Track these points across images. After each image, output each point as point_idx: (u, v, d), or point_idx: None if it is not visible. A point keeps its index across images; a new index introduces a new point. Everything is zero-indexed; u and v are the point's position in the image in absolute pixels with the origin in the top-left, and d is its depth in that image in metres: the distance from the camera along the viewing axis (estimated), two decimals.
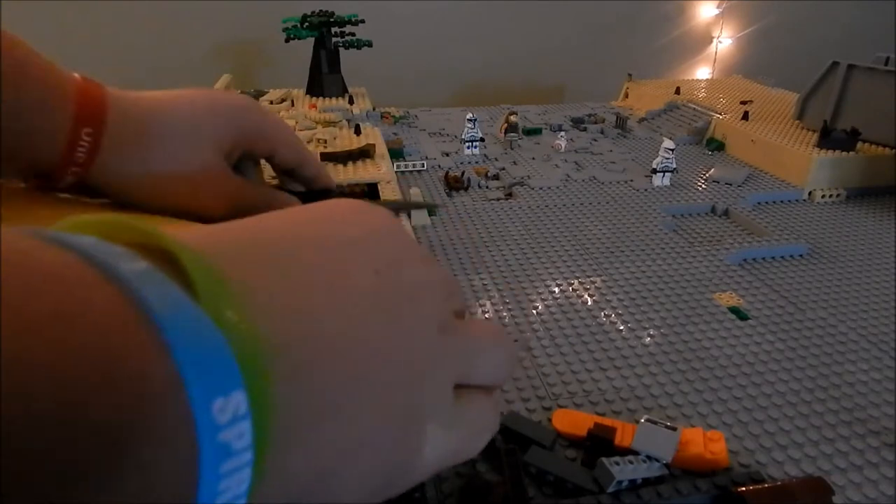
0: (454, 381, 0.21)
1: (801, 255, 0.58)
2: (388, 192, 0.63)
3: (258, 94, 0.95)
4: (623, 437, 0.32)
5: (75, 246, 0.12)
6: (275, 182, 0.42)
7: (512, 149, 0.87)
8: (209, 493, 0.12)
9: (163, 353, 0.12)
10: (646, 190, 0.73)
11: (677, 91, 1.04)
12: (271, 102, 0.91)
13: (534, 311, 0.48)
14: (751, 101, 0.96)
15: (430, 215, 0.64)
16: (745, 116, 0.86)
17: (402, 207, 0.61)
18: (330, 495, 0.17)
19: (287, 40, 0.97)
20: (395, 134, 0.90)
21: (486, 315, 0.47)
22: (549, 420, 0.35)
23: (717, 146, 0.86)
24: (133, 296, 0.12)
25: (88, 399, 0.11)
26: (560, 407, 0.37)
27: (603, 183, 0.75)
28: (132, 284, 0.12)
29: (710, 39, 1.96)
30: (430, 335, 0.19)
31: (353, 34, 1.00)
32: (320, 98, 0.97)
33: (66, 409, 0.10)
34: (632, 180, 0.76)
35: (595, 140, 0.92)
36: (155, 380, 0.12)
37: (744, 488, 0.30)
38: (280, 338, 0.15)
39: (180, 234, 0.15)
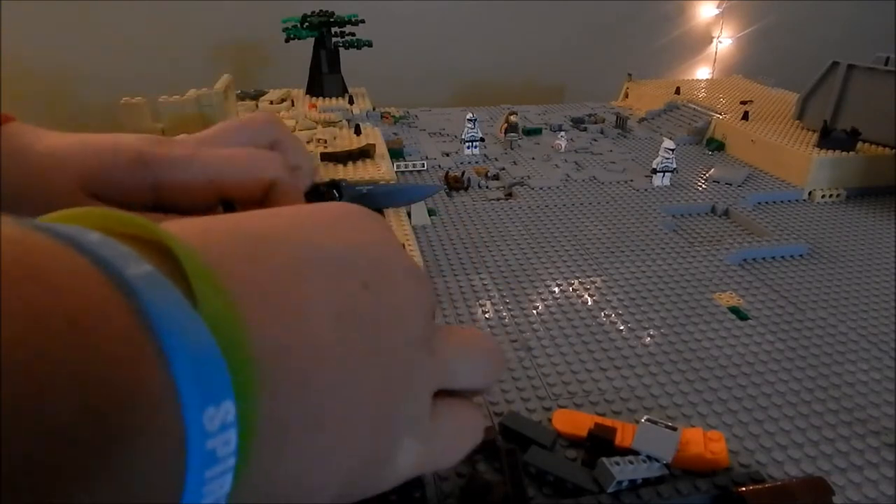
0: (433, 391, 0.21)
1: (801, 255, 0.58)
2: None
3: (258, 94, 0.95)
4: (623, 437, 0.32)
5: (84, 246, 0.12)
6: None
7: (512, 149, 0.87)
8: (193, 495, 0.12)
9: (161, 361, 0.12)
10: (646, 190, 0.73)
11: (677, 91, 1.04)
12: (271, 102, 0.91)
13: (534, 311, 0.48)
14: (751, 101, 0.96)
15: (430, 215, 0.64)
16: (745, 116, 0.86)
17: (395, 195, 0.61)
18: (303, 498, 0.17)
19: (287, 40, 0.97)
20: (395, 134, 0.90)
21: (486, 315, 0.47)
22: (549, 420, 0.35)
23: (717, 146, 0.86)
24: (138, 302, 0.12)
25: (96, 405, 0.11)
26: (560, 407, 0.37)
27: (603, 183, 0.75)
28: (138, 292, 0.12)
29: (710, 39, 1.96)
30: (411, 351, 0.19)
31: (353, 34, 1.00)
32: (320, 98, 0.97)
33: (81, 414, 0.11)
34: (632, 180, 0.76)
35: (595, 140, 0.92)
36: (152, 388, 0.12)
37: (744, 488, 0.30)
38: (270, 345, 0.15)
39: (173, 227, 0.15)
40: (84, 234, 0.13)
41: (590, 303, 0.49)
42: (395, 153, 0.79)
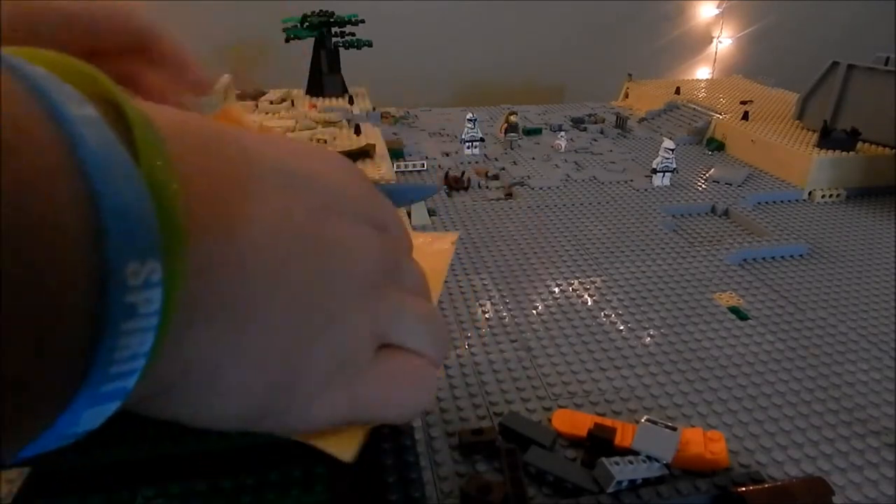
0: (373, 341, 0.20)
1: (801, 255, 0.58)
2: None
3: (258, 94, 0.95)
4: (623, 437, 0.32)
5: (28, 76, 0.12)
6: None
7: (512, 149, 0.87)
8: (108, 346, 0.12)
9: (90, 205, 0.12)
10: (646, 190, 0.73)
11: (677, 91, 1.04)
12: (271, 103, 0.91)
13: (534, 311, 0.48)
14: (751, 101, 0.96)
15: (430, 215, 0.64)
16: (745, 116, 0.86)
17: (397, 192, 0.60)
18: (209, 394, 0.17)
19: (287, 40, 0.97)
20: (395, 134, 0.90)
21: (486, 315, 0.47)
22: (549, 420, 0.35)
23: (717, 146, 0.86)
24: (73, 140, 0.12)
25: (19, 239, 0.11)
26: (560, 407, 0.37)
27: (603, 183, 0.75)
28: (74, 128, 0.12)
29: (710, 39, 1.96)
30: (352, 288, 0.19)
31: (353, 34, 1.00)
32: (320, 98, 0.97)
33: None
34: (632, 180, 0.76)
35: (595, 140, 0.92)
36: (76, 231, 0.12)
37: (744, 488, 0.30)
38: (203, 224, 0.15)
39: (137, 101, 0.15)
40: (31, 67, 0.12)
41: (590, 303, 0.49)
42: (395, 153, 0.79)
